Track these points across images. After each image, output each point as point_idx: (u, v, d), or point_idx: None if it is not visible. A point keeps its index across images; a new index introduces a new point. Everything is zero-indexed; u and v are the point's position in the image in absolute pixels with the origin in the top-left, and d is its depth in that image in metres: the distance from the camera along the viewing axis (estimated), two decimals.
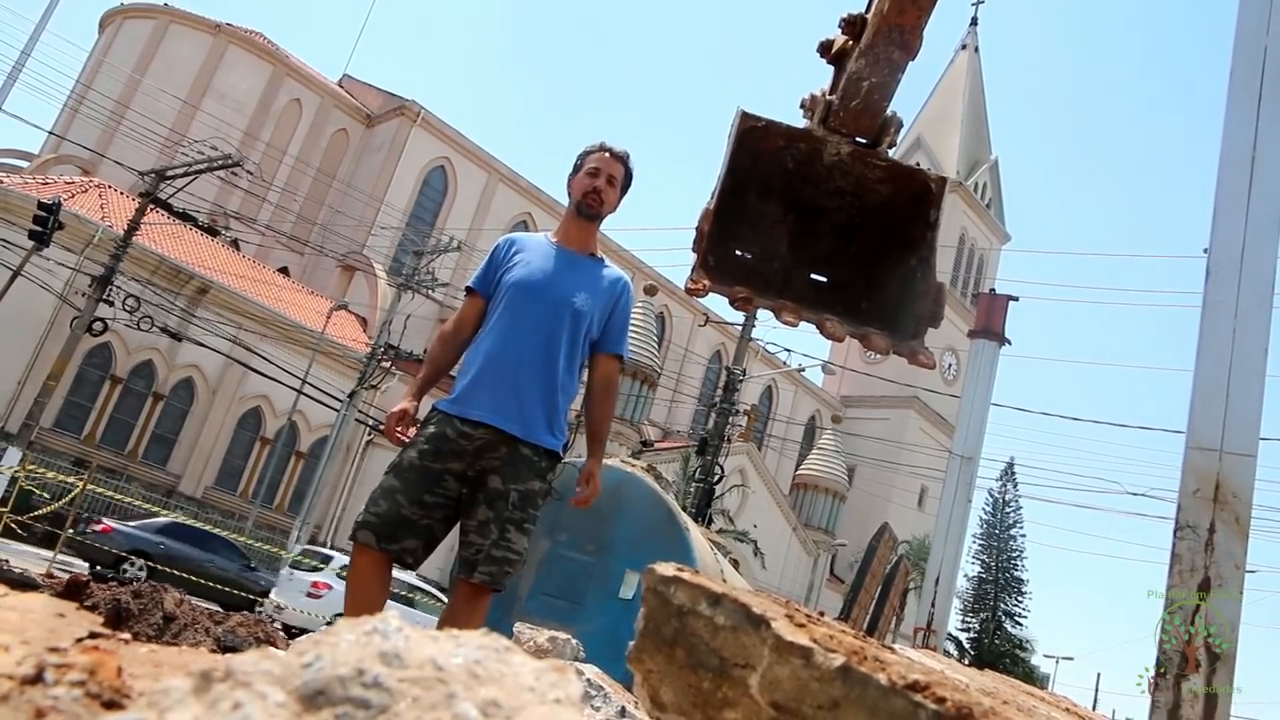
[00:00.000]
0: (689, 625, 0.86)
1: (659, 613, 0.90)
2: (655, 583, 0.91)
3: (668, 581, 0.90)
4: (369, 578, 2.79)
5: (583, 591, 6.01)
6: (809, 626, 0.81)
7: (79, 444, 27.53)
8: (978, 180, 58.83)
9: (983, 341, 14.95)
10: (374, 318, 33.77)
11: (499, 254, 3.10)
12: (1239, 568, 4.29)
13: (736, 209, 2.87)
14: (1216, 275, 4.73)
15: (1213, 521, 4.26)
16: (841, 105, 2.61)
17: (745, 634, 0.81)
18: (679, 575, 0.89)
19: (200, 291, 28.79)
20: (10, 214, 23.74)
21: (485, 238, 36.39)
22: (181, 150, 26.01)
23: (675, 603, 0.88)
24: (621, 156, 3.13)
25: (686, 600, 0.87)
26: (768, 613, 0.81)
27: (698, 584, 0.87)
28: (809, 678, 0.75)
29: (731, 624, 0.82)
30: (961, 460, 13.92)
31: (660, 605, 0.89)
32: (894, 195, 2.80)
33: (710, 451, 20.95)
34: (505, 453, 2.83)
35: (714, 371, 46.70)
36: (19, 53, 19.06)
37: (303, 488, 28.81)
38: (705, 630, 0.84)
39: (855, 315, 2.90)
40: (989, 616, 46.45)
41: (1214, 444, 4.38)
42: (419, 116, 40.99)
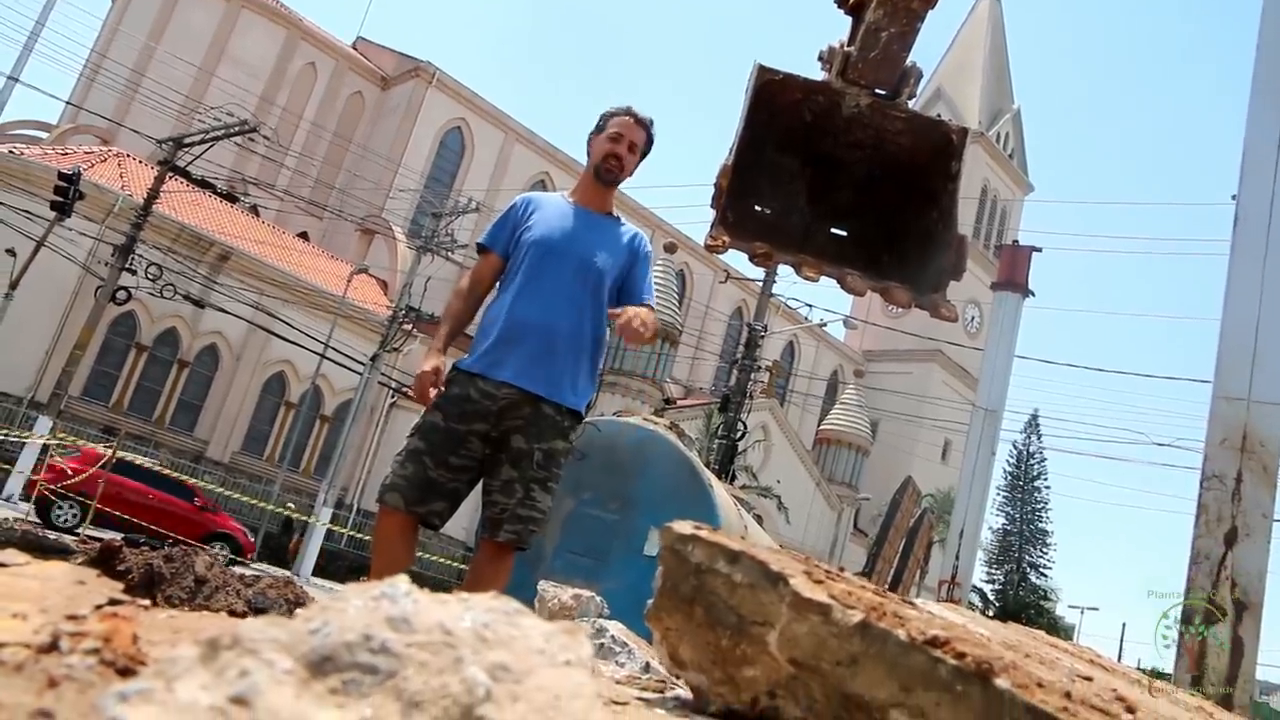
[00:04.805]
0: (707, 583, 0.85)
1: (677, 571, 0.89)
2: (673, 541, 0.90)
3: (685, 540, 0.89)
4: (396, 540, 2.81)
5: (607, 549, 6.05)
6: (827, 583, 0.81)
7: (108, 412, 27.88)
8: (1000, 130, 57.98)
9: (1006, 293, 14.81)
10: (394, 280, 33.83)
11: (516, 212, 3.08)
12: (1267, 517, 4.25)
13: (755, 164, 2.83)
14: (1245, 222, 4.63)
15: (1240, 471, 4.21)
16: (860, 57, 2.56)
17: (763, 591, 0.80)
18: (696, 534, 0.89)
19: (221, 258, 28.92)
20: (31, 185, 23.87)
21: (503, 198, 36.25)
22: (198, 117, 26.01)
23: (693, 561, 0.87)
24: (645, 123, 3.09)
25: (704, 558, 0.86)
26: (785, 570, 0.80)
27: (715, 542, 0.87)
28: (827, 634, 0.75)
29: (749, 581, 0.82)
30: (985, 414, 13.86)
31: (678, 564, 0.89)
32: (914, 147, 2.75)
33: (732, 408, 20.96)
34: (529, 412, 2.82)
35: (735, 328, 46.59)
36: (34, 22, 19.00)
37: (328, 451, 29.08)
38: (723, 588, 0.83)
39: (876, 269, 2.87)
40: (1014, 568, 46.50)
41: (1241, 393, 4.31)
42: (434, 78, 40.75)
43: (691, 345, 41.57)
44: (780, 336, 44.15)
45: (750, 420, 26.90)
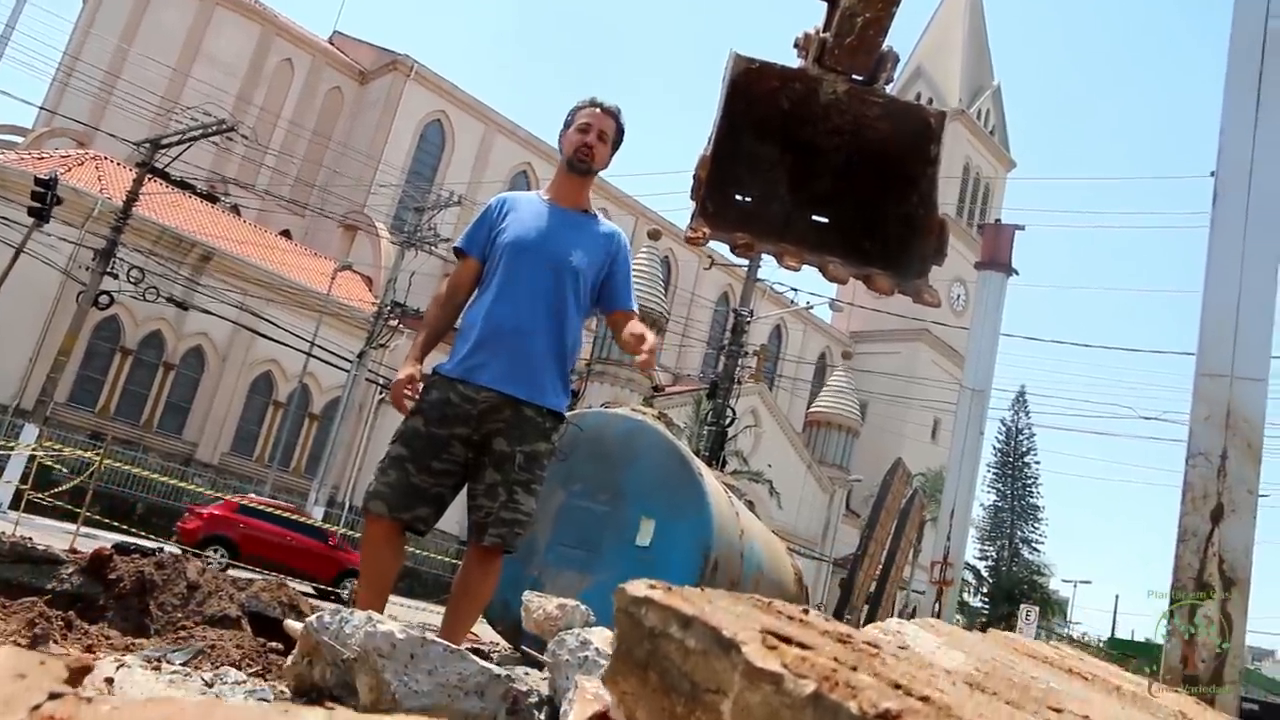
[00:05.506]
0: (660, 648, 0.83)
1: (630, 635, 0.87)
2: (626, 604, 0.88)
3: (639, 603, 0.87)
4: (383, 546, 2.83)
5: (599, 541, 6.06)
6: (781, 648, 0.79)
7: (94, 417, 27.73)
8: (980, 107, 58.03)
9: (989, 273, 14.83)
10: (379, 277, 33.70)
11: (491, 214, 3.07)
12: (1252, 493, 4.27)
13: (734, 154, 2.82)
14: (1224, 199, 4.64)
15: (1225, 448, 4.23)
16: (836, 43, 2.55)
17: (716, 658, 0.78)
18: (649, 596, 0.86)
19: (203, 259, 28.76)
20: (8, 191, 23.68)
21: (485, 190, 36.13)
22: (175, 118, 25.80)
23: (646, 625, 0.85)
24: (612, 111, 3.09)
25: (658, 622, 0.84)
26: (738, 636, 0.78)
27: (668, 605, 0.84)
28: (780, 704, 0.73)
29: (702, 648, 0.80)
30: (972, 394, 13.90)
31: (632, 627, 0.87)
32: (893, 132, 2.75)
33: (721, 394, 20.97)
34: (510, 415, 2.83)
35: (722, 314, 46.60)
36: (4, 25, 18.79)
37: (318, 449, 29.02)
38: (677, 653, 0.81)
39: (858, 256, 2.87)
40: (1006, 544, 46.79)
41: (1224, 370, 4.34)
42: (412, 71, 40.51)
43: (679, 332, 41.57)
44: (767, 320, 44.23)
45: (739, 405, 26.92)
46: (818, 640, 0.85)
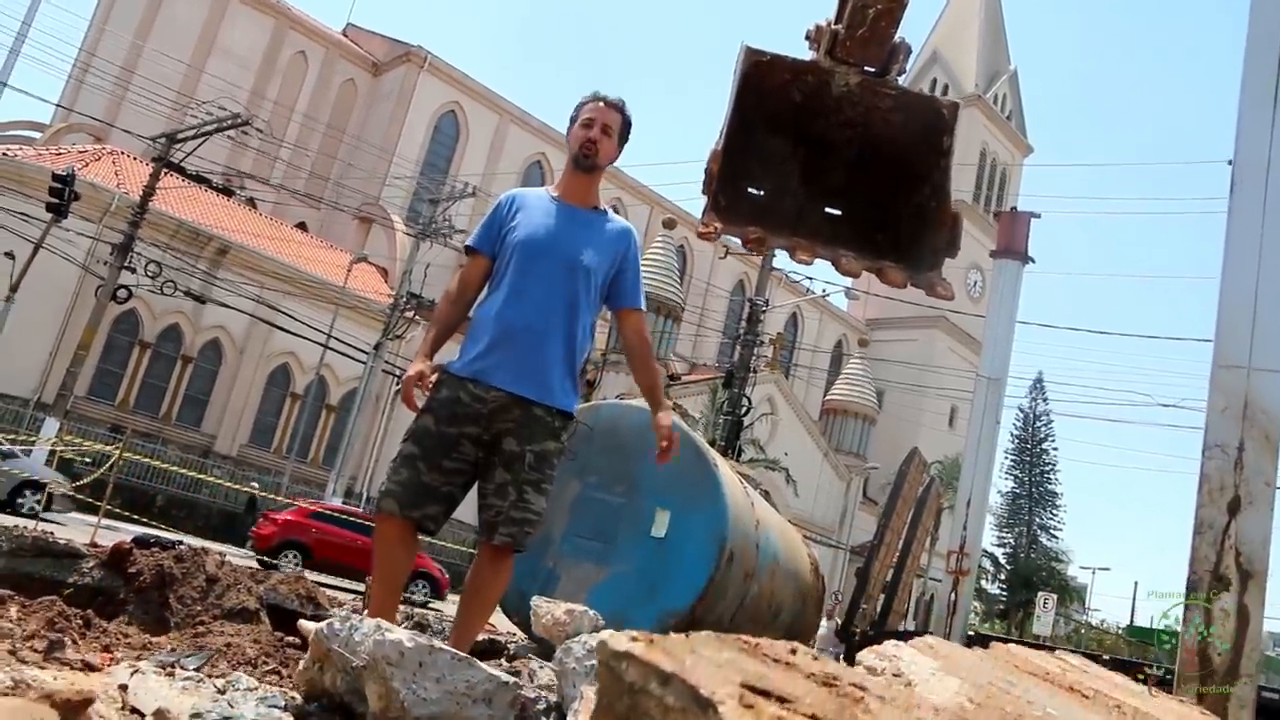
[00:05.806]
0: (640, 704, 0.83)
1: (611, 689, 0.86)
2: (607, 657, 0.88)
3: (619, 657, 0.86)
4: (395, 545, 2.84)
5: (615, 532, 6.07)
6: (758, 706, 0.78)
7: (114, 410, 27.96)
8: (997, 92, 57.57)
9: (1005, 261, 14.70)
10: (394, 268, 33.80)
11: (501, 212, 3.06)
12: (1269, 485, 4.24)
13: (746, 147, 2.81)
14: (1241, 187, 4.59)
15: (1242, 440, 4.19)
16: (848, 34, 2.54)
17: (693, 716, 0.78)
18: (630, 650, 0.86)
19: (220, 252, 28.91)
20: (26, 187, 23.82)
21: (499, 181, 36.14)
22: (190, 112, 25.91)
23: (627, 680, 0.84)
24: (616, 105, 3.05)
25: (638, 678, 0.83)
26: (715, 694, 0.78)
27: (648, 661, 0.84)
28: None
29: (680, 705, 0.79)
30: (988, 382, 13.82)
31: (613, 681, 0.86)
32: (905, 124, 2.73)
33: (737, 383, 20.96)
34: (519, 414, 2.83)
35: (737, 303, 46.52)
36: (20, 23, 18.90)
37: (335, 441, 29.17)
38: (656, 710, 0.81)
39: (871, 249, 2.85)
40: (1024, 531, 46.63)
41: (1242, 361, 4.30)
42: (426, 62, 40.53)
43: (694, 322, 41.52)
44: (783, 309, 44.09)
45: (755, 394, 26.89)
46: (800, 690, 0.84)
